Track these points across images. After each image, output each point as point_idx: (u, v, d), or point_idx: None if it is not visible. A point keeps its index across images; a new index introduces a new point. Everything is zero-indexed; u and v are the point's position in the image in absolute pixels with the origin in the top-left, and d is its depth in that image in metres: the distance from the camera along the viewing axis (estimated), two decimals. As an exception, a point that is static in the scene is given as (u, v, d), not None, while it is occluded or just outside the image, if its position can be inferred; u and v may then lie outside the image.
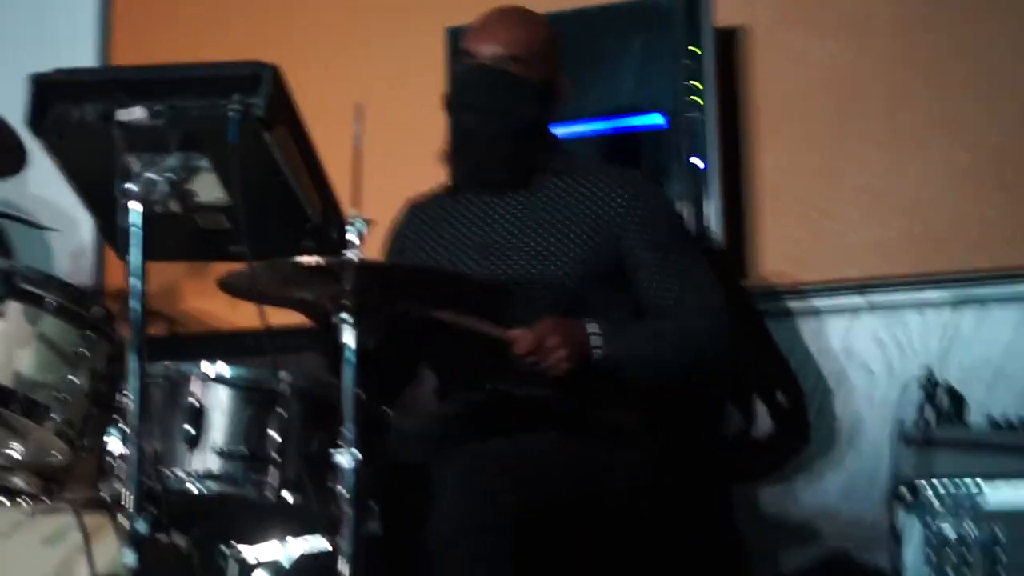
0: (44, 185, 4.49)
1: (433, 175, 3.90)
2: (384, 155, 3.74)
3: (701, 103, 3.89)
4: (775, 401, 3.95)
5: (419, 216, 3.68)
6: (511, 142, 3.45)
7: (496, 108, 3.44)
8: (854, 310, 3.91)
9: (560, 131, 3.77)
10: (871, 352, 3.88)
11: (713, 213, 3.85)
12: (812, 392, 3.92)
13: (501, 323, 3.31)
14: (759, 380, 3.97)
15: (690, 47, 3.89)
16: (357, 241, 2.78)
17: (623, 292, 3.46)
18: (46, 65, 2.80)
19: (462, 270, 3.46)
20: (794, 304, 3.95)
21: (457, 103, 3.50)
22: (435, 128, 4.10)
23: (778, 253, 3.97)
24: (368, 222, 2.79)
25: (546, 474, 3.19)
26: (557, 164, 3.52)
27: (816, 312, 3.94)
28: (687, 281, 3.44)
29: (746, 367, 3.91)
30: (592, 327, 3.29)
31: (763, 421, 3.96)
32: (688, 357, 3.39)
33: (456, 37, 4.07)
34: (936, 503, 3.19)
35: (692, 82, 3.89)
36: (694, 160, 3.87)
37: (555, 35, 3.58)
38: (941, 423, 3.33)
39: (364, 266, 2.78)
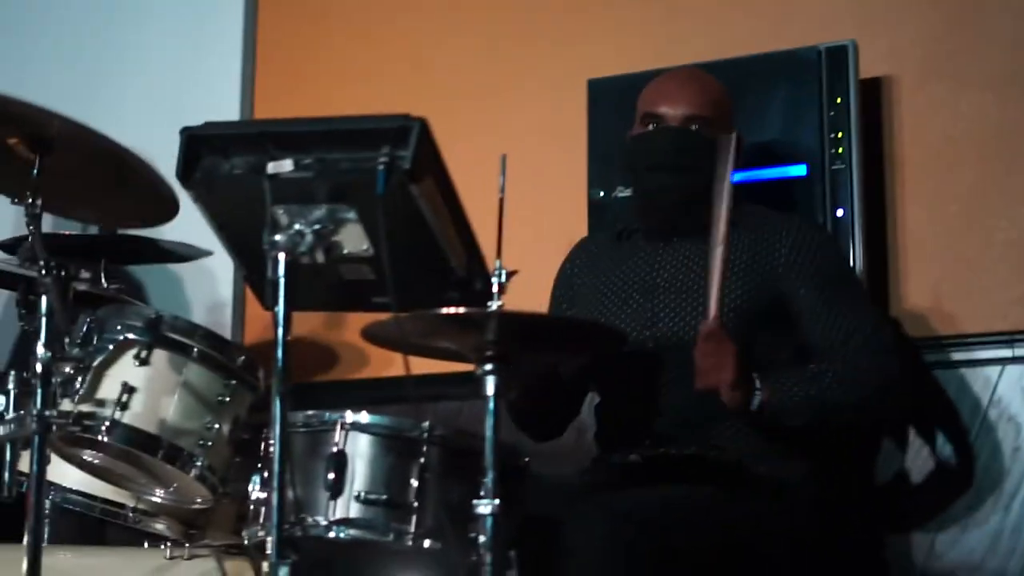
0: (182, 234, 4.61)
1: (575, 225, 3.96)
2: (527, 206, 3.80)
3: (844, 153, 3.91)
4: (936, 440, 3.93)
5: (586, 254, 3.78)
6: (702, 199, 3.51)
7: (691, 168, 3.52)
8: (1001, 362, 3.88)
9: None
10: (1018, 405, 3.85)
11: (856, 265, 3.86)
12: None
13: (654, 376, 3.41)
14: (921, 419, 3.95)
15: (835, 97, 3.93)
16: (500, 292, 2.84)
17: (786, 336, 3.51)
18: (191, 119, 2.86)
19: (621, 315, 3.54)
20: (940, 356, 3.93)
21: (651, 163, 3.58)
22: (577, 179, 4.18)
23: (923, 306, 3.96)
24: (512, 273, 2.85)
25: (695, 527, 3.23)
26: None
27: (962, 364, 3.91)
28: (852, 320, 3.48)
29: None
30: (755, 378, 3.35)
31: (919, 463, 3.95)
32: (854, 398, 3.42)
33: (596, 89, 4.15)
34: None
35: (836, 133, 3.91)
36: (837, 211, 3.89)
37: (728, 95, 3.69)
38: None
39: (507, 317, 2.84)
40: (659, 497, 3.26)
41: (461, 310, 2.80)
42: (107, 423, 3.17)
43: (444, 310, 2.80)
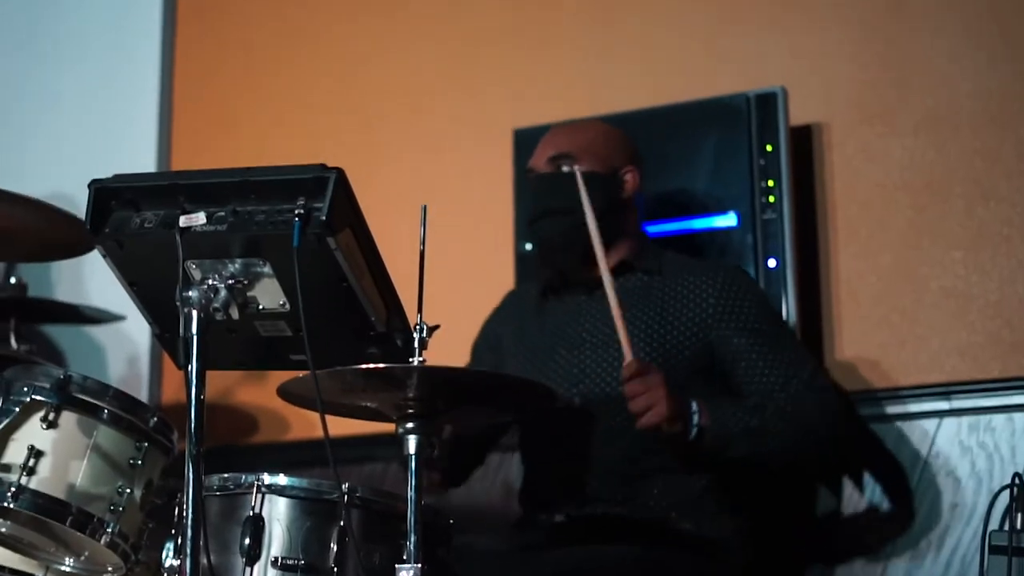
0: (98, 293, 4.59)
1: (501, 278, 3.96)
2: (451, 258, 3.79)
3: (775, 202, 3.92)
4: (875, 492, 3.94)
5: (513, 306, 3.78)
6: (584, 235, 3.52)
7: (564, 210, 3.52)
8: (938, 415, 3.89)
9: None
10: (956, 459, 3.86)
11: (789, 315, 3.87)
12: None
13: (581, 433, 3.40)
14: (859, 472, 3.96)
15: (765, 145, 3.94)
16: (421, 347, 2.82)
17: (718, 383, 3.52)
18: (105, 169, 2.84)
19: (547, 372, 3.53)
20: (875, 409, 3.94)
21: (529, 218, 3.61)
22: (504, 230, 4.17)
23: (858, 357, 3.97)
24: (433, 328, 2.83)
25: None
26: (647, 262, 3.60)
27: (898, 417, 3.92)
28: (790, 366, 3.51)
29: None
30: (691, 402, 3.35)
31: (852, 502, 3.96)
32: (795, 431, 3.44)
33: (523, 139, 4.16)
34: (1027, 616, 3.16)
35: (767, 181, 3.93)
36: (769, 261, 3.90)
37: (613, 134, 3.73)
38: (1032, 532, 3.29)
39: (428, 372, 2.81)
40: (586, 557, 3.24)
41: (381, 366, 2.78)
42: (13, 489, 3.11)
43: (363, 366, 2.78)
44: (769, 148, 3.94)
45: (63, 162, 4.99)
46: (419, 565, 2.79)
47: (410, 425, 2.87)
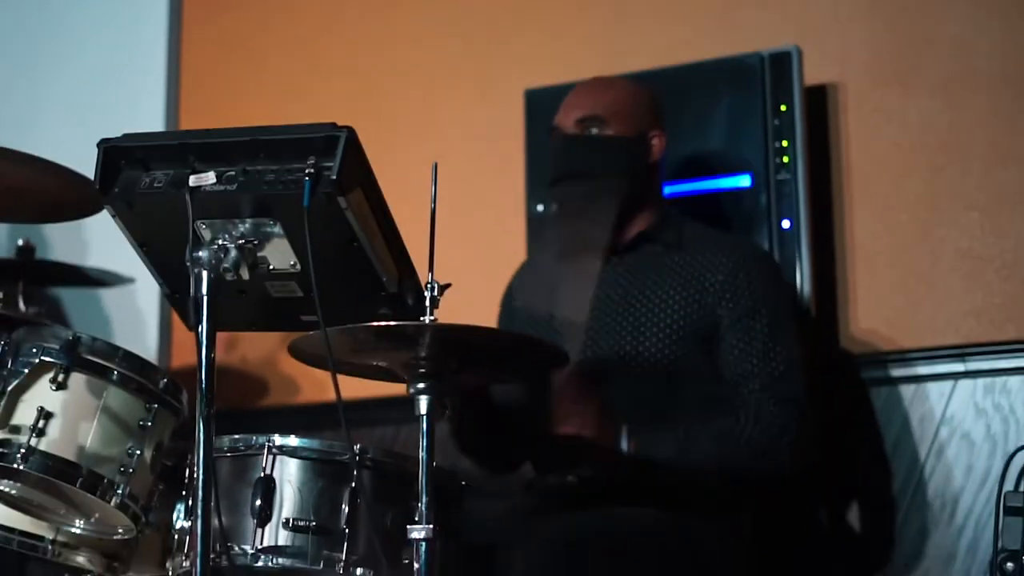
0: (105, 256, 4.60)
1: (513, 237, 3.97)
2: (463, 217, 3.80)
3: (789, 163, 3.92)
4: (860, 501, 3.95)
5: (525, 279, 3.78)
6: (607, 200, 3.51)
7: (589, 172, 3.51)
8: (953, 377, 3.89)
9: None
10: (971, 420, 3.87)
11: (803, 277, 3.87)
12: (909, 463, 3.91)
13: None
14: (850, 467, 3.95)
15: (779, 105, 3.93)
16: (433, 306, 2.82)
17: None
18: (115, 129, 2.84)
19: (558, 336, 3.52)
20: (889, 371, 3.94)
21: (552, 179, 3.59)
22: (516, 190, 4.17)
23: (872, 318, 3.97)
24: (445, 287, 2.83)
25: (635, 549, 3.22)
26: (667, 234, 3.58)
27: (913, 379, 3.93)
28: (768, 357, 3.48)
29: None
30: (626, 431, 3.35)
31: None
32: (740, 462, 3.42)
33: (534, 99, 4.15)
34: (1041, 576, 3.16)
35: (781, 142, 3.92)
36: (783, 223, 3.90)
37: (641, 94, 3.69)
38: (1047, 493, 3.30)
39: (440, 330, 2.82)
40: (599, 520, 3.25)
41: (392, 323, 2.79)
42: (23, 450, 3.12)
43: (374, 323, 2.78)
44: (783, 108, 3.93)
45: (72, 130, 4.99)
46: (430, 526, 2.80)
47: (421, 385, 2.88)
